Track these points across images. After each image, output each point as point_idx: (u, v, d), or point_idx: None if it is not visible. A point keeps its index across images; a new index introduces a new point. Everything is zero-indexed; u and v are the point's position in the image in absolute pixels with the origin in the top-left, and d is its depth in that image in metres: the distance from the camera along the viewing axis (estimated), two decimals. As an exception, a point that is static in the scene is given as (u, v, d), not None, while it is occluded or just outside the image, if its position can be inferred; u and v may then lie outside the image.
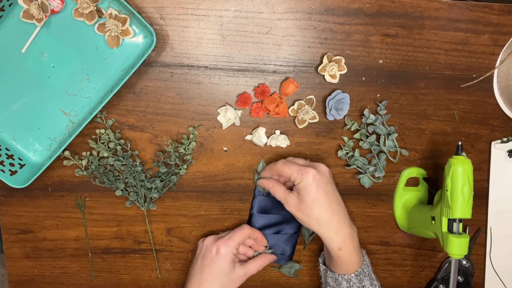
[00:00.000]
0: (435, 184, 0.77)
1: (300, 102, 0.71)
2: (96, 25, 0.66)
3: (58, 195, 0.73)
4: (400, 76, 0.73)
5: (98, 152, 0.70)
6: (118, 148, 0.70)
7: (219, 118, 0.71)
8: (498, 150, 0.77)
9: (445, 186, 0.64)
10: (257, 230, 0.72)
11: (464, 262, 0.80)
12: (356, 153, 0.73)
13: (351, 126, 0.73)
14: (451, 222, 0.64)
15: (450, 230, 0.64)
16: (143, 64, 0.69)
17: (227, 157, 0.73)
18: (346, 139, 0.74)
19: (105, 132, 0.69)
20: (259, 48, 0.70)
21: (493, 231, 0.80)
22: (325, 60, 0.69)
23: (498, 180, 0.78)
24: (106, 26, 0.66)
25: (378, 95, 0.74)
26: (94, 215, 0.74)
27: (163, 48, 0.69)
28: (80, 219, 0.74)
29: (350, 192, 0.76)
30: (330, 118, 0.72)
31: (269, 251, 0.73)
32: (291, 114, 0.72)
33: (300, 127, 0.72)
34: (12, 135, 0.69)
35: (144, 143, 0.72)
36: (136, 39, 0.68)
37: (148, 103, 0.70)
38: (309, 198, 0.64)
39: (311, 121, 0.72)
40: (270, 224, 0.74)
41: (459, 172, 0.62)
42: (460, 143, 0.65)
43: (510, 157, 0.78)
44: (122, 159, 0.70)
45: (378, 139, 0.74)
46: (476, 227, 0.80)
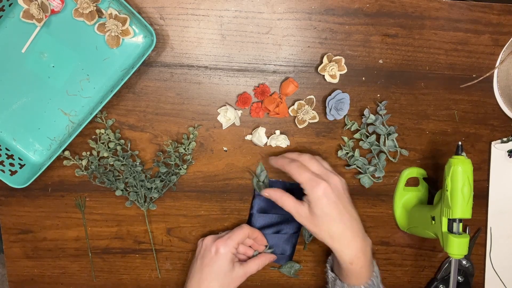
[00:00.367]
0: (435, 184, 0.77)
1: (300, 102, 0.71)
2: (96, 25, 0.66)
3: (58, 195, 0.73)
4: (400, 76, 0.73)
5: (98, 152, 0.70)
6: (118, 148, 0.70)
7: (219, 118, 0.71)
8: (498, 150, 0.77)
9: (445, 186, 0.64)
10: (256, 230, 0.72)
11: (464, 262, 0.80)
12: (356, 153, 0.73)
13: (351, 126, 0.73)
14: (451, 222, 0.64)
15: (450, 230, 0.64)
16: (143, 64, 0.69)
17: (227, 157, 0.73)
18: (346, 139, 0.74)
19: (105, 132, 0.69)
20: (259, 48, 0.70)
21: (493, 231, 0.80)
22: (325, 60, 0.69)
23: (498, 180, 0.78)
24: (106, 26, 0.66)
25: (378, 95, 0.74)
26: (94, 215, 0.74)
27: (163, 48, 0.69)
28: (80, 219, 0.74)
29: (350, 192, 0.76)
30: (330, 118, 0.72)
31: (269, 251, 0.73)
32: (291, 114, 0.72)
33: (300, 127, 0.72)
34: (12, 135, 0.69)
35: (144, 143, 0.72)
36: (136, 39, 0.68)
37: (148, 103, 0.70)
38: (320, 212, 0.62)
39: (311, 121, 0.72)
40: (270, 224, 0.74)
41: (459, 172, 0.62)
42: (460, 143, 0.65)
43: (510, 157, 0.78)
44: (122, 159, 0.70)
45: (378, 139, 0.74)
46: (476, 227, 0.80)
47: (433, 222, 0.68)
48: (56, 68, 0.67)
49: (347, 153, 0.74)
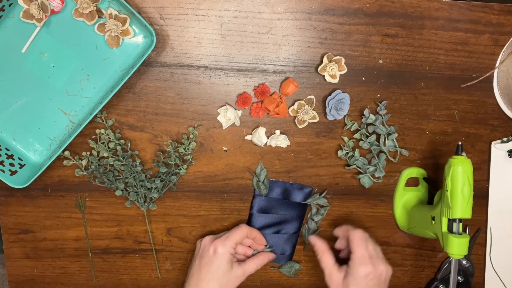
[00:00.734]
0: (435, 184, 0.77)
1: (300, 102, 0.71)
2: (96, 25, 0.66)
3: (58, 195, 0.73)
4: (400, 76, 0.73)
5: (98, 152, 0.70)
6: (118, 148, 0.70)
7: (219, 118, 0.71)
8: (498, 150, 0.77)
9: (445, 186, 0.64)
10: (255, 229, 0.72)
11: (464, 262, 0.80)
12: (356, 153, 0.73)
13: (351, 126, 0.73)
14: (451, 222, 0.64)
15: (450, 230, 0.64)
16: (143, 64, 0.69)
17: (227, 157, 0.73)
18: (346, 139, 0.74)
19: (105, 132, 0.69)
20: (259, 48, 0.70)
21: (493, 231, 0.80)
22: (325, 60, 0.69)
23: (498, 180, 0.78)
24: (106, 26, 0.66)
25: (378, 95, 0.74)
26: (94, 215, 0.74)
27: (163, 48, 0.69)
28: (80, 219, 0.74)
29: (350, 192, 0.76)
30: (330, 118, 0.72)
31: (268, 250, 0.73)
32: (291, 114, 0.72)
33: (300, 127, 0.72)
34: (12, 135, 0.69)
35: (144, 143, 0.72)
36: (136, 39, 0.68)
37: (148, 103, 0.70)
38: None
39: (311, 121, 0.72)
40: (270, 223, 0.74)
41: (459, 172, 0.62)
42: (460, 143, 0.65)
43: (510, 157, 0.78)
44: (122, 159, 0.70)
45: (378, 139, 0.74)
46: (476, 227, 0.80)
47: (433, 222, 0.68)
48: (56, 68, 0.67)
49: (347, 153, 0.74)
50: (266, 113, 0.72)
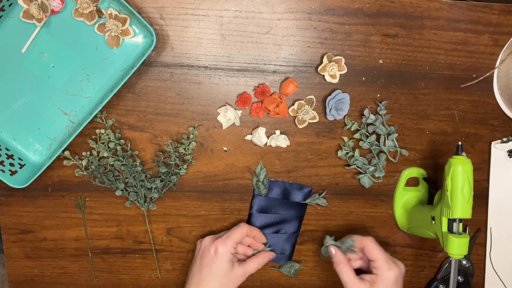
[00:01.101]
0: (435, 184, 0.77)
1: (300, 102, 0.71)
2: (96, 25, 0.66)
3: (58, 195, 0.73)
4: (400, 76, 0.73)
5: (98, 152, 0.70)
6: (118, 148, 0.70)
7: (219, 118, 0.71)
8: (498, 150, 0.77)
9: (445, 186, 0.64)
10: (255, 228, 0.72)
11: (464, 262, 0.80)
12: (356, 153, 0.73)
13: (351, 126, 0.73)
14: (451, 222, 0.64)
15: (450, 230, 0.64)
16: (143, 64, 0.69)
17: (227, 157, 0.73)
18: (346, 139, 0.74)
19: (105, 132, 0.69)
20: (259, 48, 0.70)
21: (493, 231, 0.80)
22: (325, 60, 0.69)
23: (498, 180, 0.78)
24: (106, 26, 0.66)
25: (378, 95, 0.74)
26: (94, 215, 0.74)
27: (163, 48, 0.69)
28: (80, 219, 0.74)
29: (350, 192, 0.76)
30: (330, 118, 0.72)
31: (268, 249, 0.73)
32: (291, 114, 0.72)
33: (300, 127, 0.72)
34: (12, 135, 0.69)
35: (144, 143, 0.72)
36: (136, 39, 0.68)
37: (148, 103, 0.70)
38: None
39: (311, 121, 0.72)
40: (270, 223, 0.74)
41: (459, 172, 0.62)
42: (460, 143, 0.65)
43: (510, 157, 0.78)
44: (122, 159, 0.70)
45: (378, 139, 0.74)
46: (476, 227, 0.80)
47: (433, 222, 0.68)
48: (56, 68, 0.67)
49: (347, 153, 0.74)
50: (266, 113, 0.72)
